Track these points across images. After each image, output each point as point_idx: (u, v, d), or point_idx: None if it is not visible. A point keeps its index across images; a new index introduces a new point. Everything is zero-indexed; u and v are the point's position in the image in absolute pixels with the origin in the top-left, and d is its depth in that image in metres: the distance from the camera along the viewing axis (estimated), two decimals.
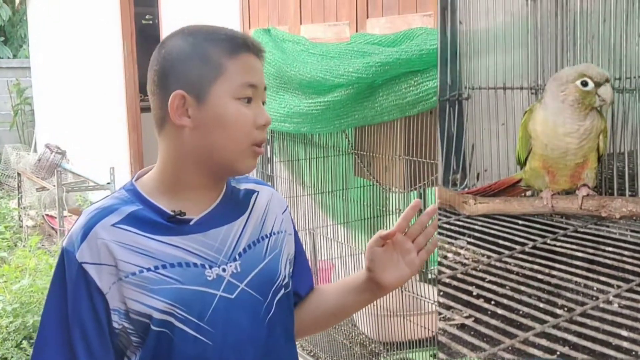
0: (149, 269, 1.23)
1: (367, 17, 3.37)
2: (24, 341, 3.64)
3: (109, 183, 6.22)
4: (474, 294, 1.57)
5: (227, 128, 1.23)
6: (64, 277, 1.24)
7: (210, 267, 1.27)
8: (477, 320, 1.52)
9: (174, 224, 1.26)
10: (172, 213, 1.26)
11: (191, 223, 1.27)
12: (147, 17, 7.26)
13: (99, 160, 6.82)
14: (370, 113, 2.00)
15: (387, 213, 2.30)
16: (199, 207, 1.29)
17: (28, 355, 3.56)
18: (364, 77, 1.92)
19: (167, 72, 1.26)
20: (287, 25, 3.93)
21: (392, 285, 1.36)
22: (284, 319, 1.36)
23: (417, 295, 2.23)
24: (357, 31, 3.33)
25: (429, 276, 2.47)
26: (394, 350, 2.23)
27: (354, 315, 2.35)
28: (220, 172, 1.29)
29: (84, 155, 7.39)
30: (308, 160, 2.50)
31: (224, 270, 1.28)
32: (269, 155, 2.63)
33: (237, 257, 1.29)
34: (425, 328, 2.13)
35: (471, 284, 1.58)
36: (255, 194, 1.39)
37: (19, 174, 7.39)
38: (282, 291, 1.35)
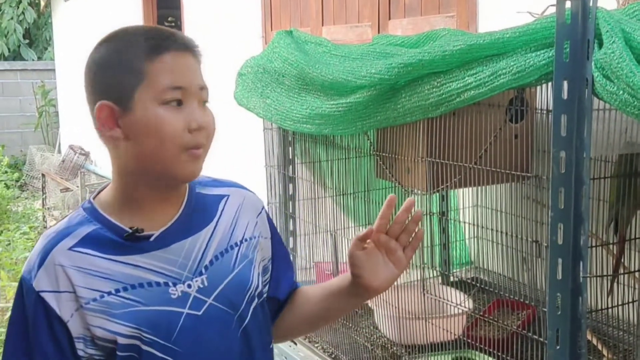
0: (109, 293, 1.18)
1: (389, 19, 3.37)
2: None
3: None
4: None
5: (154, 135, 1.16)
6: (23, 307, 1.18)
7: (175, 285, 1.21)
8: None
9: (133, 242, 1.20)
10: (129, 230, 1.20)
11: (151, 239, 1.21)
12: (169, 19, 7.32)
13: None
14: (392, 114, 1.99)
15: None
16: (159, 222, 1.23)
17: None
18: (386, 79, 1.91)
19: (92, 82, 1.21)
20: (309, 27, 3.93)
21: (381, 287, 1.30)
22: (259, 328, 1.31)
23: (440, 298, 2.22)
24: (379, 32, 3.33)
25: (452, 279, 2.45)
26: (415, 353, 2.22)
27: (375, 317, 2.34)
28: (164, 181, 1.21)
29: (107, 156, 7.44)
30: (329, 162, 2.50)
31: (189, 286, 1.22)
32: (290, 157, 2.63)
33: (202, 270, 1.24)
34: (447, 331, 2.11)
35: None
36: (225, 198, 1.32)
37: (43, 175, 7.47)
38: (256, 301, 1.30)
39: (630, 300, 1.81)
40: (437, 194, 2.35)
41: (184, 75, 1.18)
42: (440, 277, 2.42)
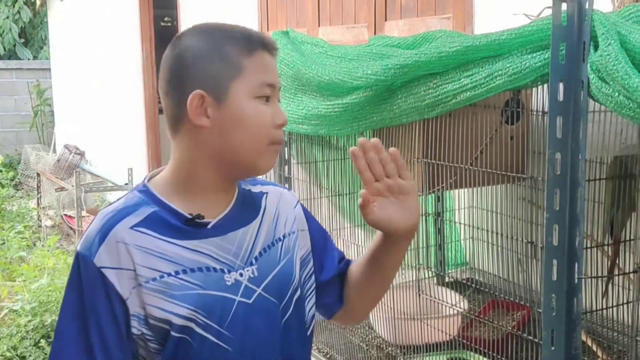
0: (169, 274, 1.20)
1: (386, 20, 3.37)
2: (42, 340, 3.67)
3: (127, 184, 6.26)
4: None
5: (246, 127, 1.21)
6: (81, 283, 1.20)
7: (229, 272, 1.25)
8: None
9: (192, 227, 1.24)
10: (189, 216, 1.23)
11: (209, 226, 1.25)
12: (165, 19, 7.31)
13: (118, 161, 6.87)
14: (388, 115, 2.00)
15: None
16: (215, 210, 1.26)
17: (46, 354, 3.59)
18: (383, 80, 1.92)
19: (184, 71, 1.23)
20: (305, 27, 3.93)
21: (413, 220, 1.27)
22: (299, 323, 1.35)
23: (435, 298, 2.22)
24: (375, 33, 3.33)
25: (447, 280, 2.46)
26: (410, 354, 2.22)
27: (371, 317, 2.34)
28: (239, 172, 1.27)
29: (102, 156, 7.44)
30: (326, 163, 2.50)
31: (241, 275, 1.26)
32: (286, 157, 2.64)
33: (253, 261, 1.28)
34: (442, 332, 2.12)
35: None
36: (265, 195, 1.37)
37: (38, 174, 7.46)
38: (297, 294, 1.34)
39: (625, 301, 1.81)
40: (433, 195, 2.35)
41: (273, 73, 1.25)
42: (435, 278, 2.42)
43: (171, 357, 1.21)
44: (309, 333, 1.39)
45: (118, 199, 1.28)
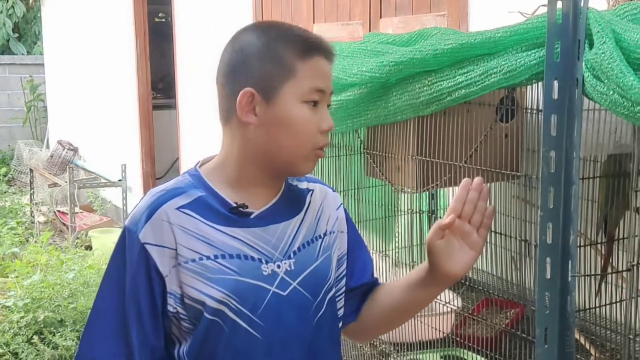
0: (208, 257, 1.24)
1: (381, 17, 3.37)
2: (34, 336, 3.66)
3: (120, 180, 6.25)
4: None
5: (292, 130, 1.24)
6: (124, 255, 1.25)
7: (267, 262, 1.28)
8: None
9: (236, 216, 1.27)
10: (234, 204, 1.27)
11: (252, 217, 1.29)
12: (160, 15, 7.29)
13: (111, 157, 6.85)
14: (383, 112, 2.00)
15: (399, 213, 2.30)
16: (259, 202, 1.30)
17: (39, 350, 3.58)
18: (377, 77, 1.92)
19: (239, 66, 1.26)
20: (300, 24, 3.92)
21: (461, 272, 1.32)
22: (332, 321, 1.37)
23: None
24: (370, 30, 3.33)
25: None
26: (404, 351, 2.22)
27: None
28: (280, 172, 1.30)
29: (95, 152, 7.42)
30: (320, 160, 2.50)
31: (278, 266, 1.29)
32: None
33: (291, 255, 1.31)
34: (435, 329, 2.12)
35: None
36: (311, 192, 1.40)
37: (31, 170, 7.43)
38: (332, 292, 1.36)
39: (618, 299, 1.81)
40: (427, 193, 2.35)
41: (326, 79, 1.27)
42: None
43: (202, 339, 1.25)
44: (339, 330, 1.41)
45: (172, 180, 1.33)
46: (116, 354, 1.24)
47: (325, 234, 1.37)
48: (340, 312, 1.41)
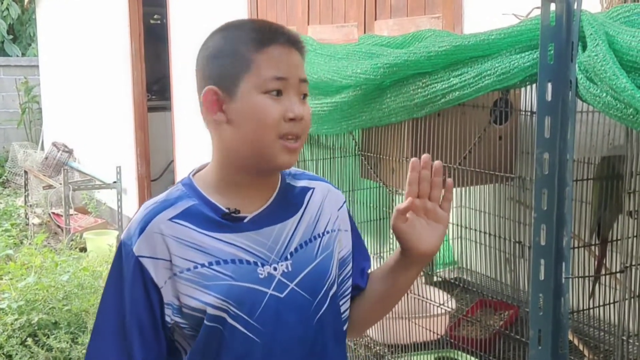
0: (203, 265, 1.25)
1: (375, 19, 3.37)
2: (28, 338, 3.65)
3: (115, 182, 6.23)
4: None
5: (254, 122, 1.23)
6: (122, 270, 1.26)
7: (262, 265, 1.27)
8: None
9: (228, 221, 1.27)
10: (226, 210, 1.27)
11: (245, 220, 1.28)
12: (155, 16, 7.28)
13: (106, 159, 6.84)
14: (377, 114, 2.00)
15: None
16: (253, 205, 1.30)
17: (33, 352, 3.57)
18: (372, 79, 1.92)
19: (204, 70, 1.28)
20: (295, 26, 3.93)
21: (433, 248, 1.33)
22: (334, 320, 1.36)
23: (422, 297, 2.22)
24: (365, 33, 3.33)
25: (435, 279, 2.46)
26: (398, 353, 2.23)
27: None
28: (258, 169, 1.28)
29: (90, 153, 7.40)
30: (315, 162, 2.50)
31: (275, 269, 1.28)
32: None
33: (288, 256, 1.30)
34: (430, 331, 2.12)
35: None
36: (311, 191, 1.39)
37: (25, 172, 7.41)
38: (333, 291, 1.35)
39: (612, 301, 1.82)
40: None
41: (286, 67, 1.25)
42: (423, 277, 2.42)
43: (204, 344, 1.26)
44: (344, 329, 1.40)
45: (167, 191, 1.33)
46: None
47: (324, 233, 1.36)
48: (346, 314, 1.40)
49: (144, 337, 1.25)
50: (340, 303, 1.39)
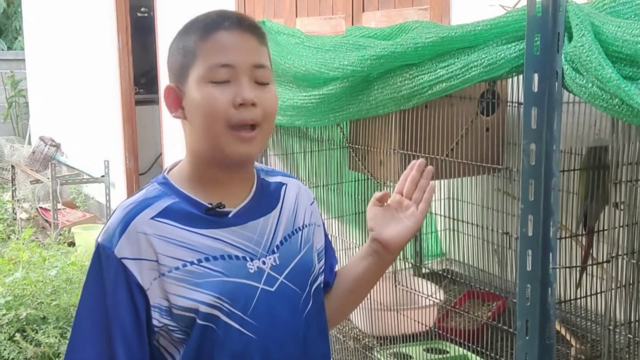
0: (192, 263, 1.21)
1: (363, 11, 3.36)
2: (17, 334, 3.63)
3: (103, 176, 6.20)
4: None
5: (202, 113, 1.20)
6: (101, 273, 1.20)
7: (251, 260, 1.26)
8: None
9: (213, 217, 1.25)
10: (209, 205, 1.25)
11: (229, 215, 1.26)
12: (142, 9, 7.23)
13: (94, 153, 6.80)
14: (365, 106, 2.00)
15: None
16: (234, 200, 1.28)
17: (21, 348, 3.55)
18: (359, 71, 1.91)
19: (168, 68, 1.28)
20: (282, 18, 3.91)
21: (394, 240, 1.36)
22: (318, 312, 1.36)
23: (411, 289, 2.23)
24: (352, 25, 3.32)
25: (423, 271, 2.47)
26: (387, 345, 2.23)
27: None
28: (221, 162, 1.25)
29: (78, 148, 7.36)
30: (302, 154, 2.49)
31: (263, 262, 1.27)
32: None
33: (275, 249, 1.29)
34: (419, 322, 2.12)
35: None
36: (284, 186, 1.39)
37: (13, 167, 7.36)
38: (316, 283, 1.36)
39: (599, 291, 1.83)
40: None
41: (234, 53, 1.20)
42: (412, 269, 2.43)
43: (196, 347, 1.21)
44: (327, 324, 1.40)
45: (139, 191, 1.29)
46: None
47: (303, 226, 1.37)
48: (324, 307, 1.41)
49: (128, 345, 1.20)
50: (322, 296, 1.40)
